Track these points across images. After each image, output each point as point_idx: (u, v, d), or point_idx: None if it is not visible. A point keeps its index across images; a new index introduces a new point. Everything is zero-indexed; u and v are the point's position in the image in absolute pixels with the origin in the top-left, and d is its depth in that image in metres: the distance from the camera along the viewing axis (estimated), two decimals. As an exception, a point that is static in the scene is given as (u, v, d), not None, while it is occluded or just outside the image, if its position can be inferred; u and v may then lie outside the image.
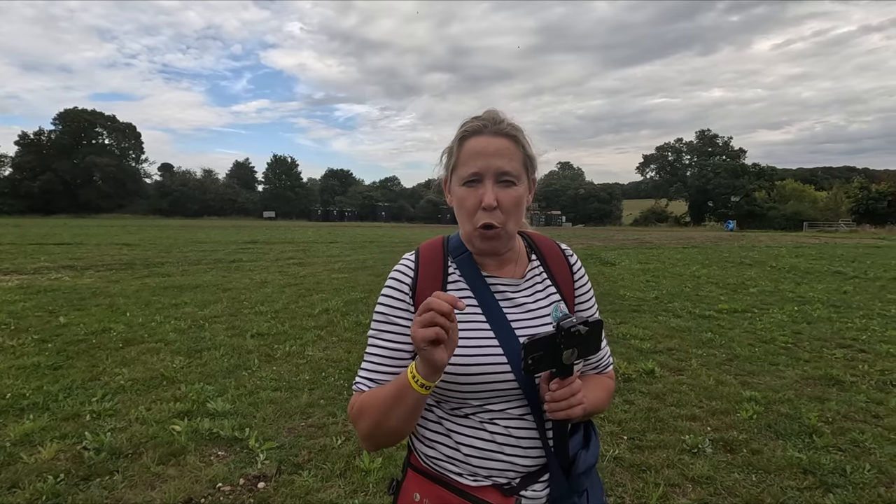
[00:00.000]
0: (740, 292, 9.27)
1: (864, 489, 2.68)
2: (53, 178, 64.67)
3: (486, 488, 0.95)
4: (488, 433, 0.97)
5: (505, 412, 0.97)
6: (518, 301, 1.02)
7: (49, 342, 5.27)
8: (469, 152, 0.96)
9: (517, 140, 0.98)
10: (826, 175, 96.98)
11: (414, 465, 1.04)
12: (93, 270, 11.01)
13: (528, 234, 1.14)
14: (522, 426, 0.97)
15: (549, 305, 1.03)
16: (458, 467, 0.97)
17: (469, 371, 0.94)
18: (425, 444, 1.02)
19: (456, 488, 0.96)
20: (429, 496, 0.98)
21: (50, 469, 2.76)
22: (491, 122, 0.98)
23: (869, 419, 3.59)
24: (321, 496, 2.60)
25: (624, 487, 2.71)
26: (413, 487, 1.01)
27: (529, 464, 0.97)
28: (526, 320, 1.00)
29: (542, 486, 0.97)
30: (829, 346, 5.53)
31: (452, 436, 0.98)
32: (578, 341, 0.87)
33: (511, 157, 0.96)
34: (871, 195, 51.33)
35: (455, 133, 1.02)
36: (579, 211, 73.52)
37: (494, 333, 0.96)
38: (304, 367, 4.60)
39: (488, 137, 0.96)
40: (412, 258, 1.04)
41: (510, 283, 1.03)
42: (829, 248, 22.46)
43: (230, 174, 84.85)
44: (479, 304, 0.99)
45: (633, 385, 4.22)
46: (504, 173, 0.95)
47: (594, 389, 1.06)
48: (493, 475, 0.96)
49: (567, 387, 0.90)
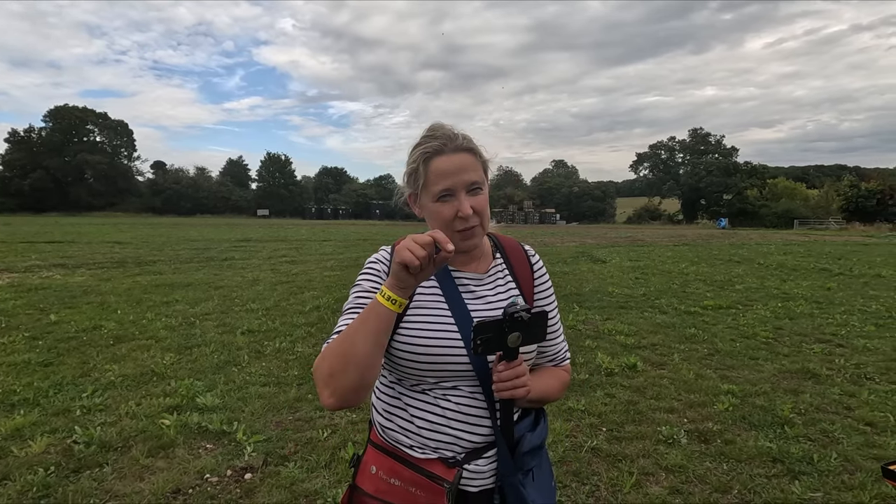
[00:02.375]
0: (727, 289, 9.42)
1: (828, 476, 2.79)
2: (44, 176, 64.06)
3: (432, 461, 1.04)
4: (440, 408, 1.06)
5: (458, 388, 1.07)
6: (479, 294, 1.12)
7: (40, 339, 5.30)
8: (437, 172, 1.05)
9: (474, 151, 1.09)
10: (817, 173, 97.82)
11: (373, 440, 1.14)
12: (84, 268, 11.00)
13: (495, 234, 1.23)
14: (473, 404, 1.06)
15: (507, 299, 1.13)
16: (411, 439, 1.07)
17: (428, 352, 1.04)
18: (384, 416, 1.12)
19: (406, 460, 1.06)
20: (383, 468, 1.08)
21: (40, 462, 2.82)
22: (448, 140, 1.07)
23: (840, 410, 3.71)
24: (306, 486, 2.68)
25: (599, 476, 2.81)
26: (371, 461, 1.11)
27: (476, 440, 1.06)
28: (485, 311, 1.10)
29: (486, 462, 1.06)
30: (809, 341, 5.66)
31: (409, 409, 1.09)
32: (522, 327, 0.96)
33: (475, 168, 1.07)
34: (860, 193, 51.94)
35: (410, 152, 1.11)
36: (573, 209, 73.79)
37: (454, 319, 1.06)
38: (293, 363, 4.67)
39: (450, 155, 1.06)
40: (388, 250, 1.16)
41: (474, 278, 1.13)
42: (817, 245, 22.73)
43: (223, 172, 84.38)
44: (442, 294, 1.09)
45: (616, 379, 4.32)
46: (472, 183, 1.06)
47: (545, 378, 1.16)
48: (441, 448, 1.05)
49: (512, 369, 0.99)
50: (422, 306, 1.09)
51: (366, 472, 1.10)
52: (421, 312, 1.08)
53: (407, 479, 1.04)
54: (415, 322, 1.07)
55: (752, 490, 2.67)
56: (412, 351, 1.05)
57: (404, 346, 1.07)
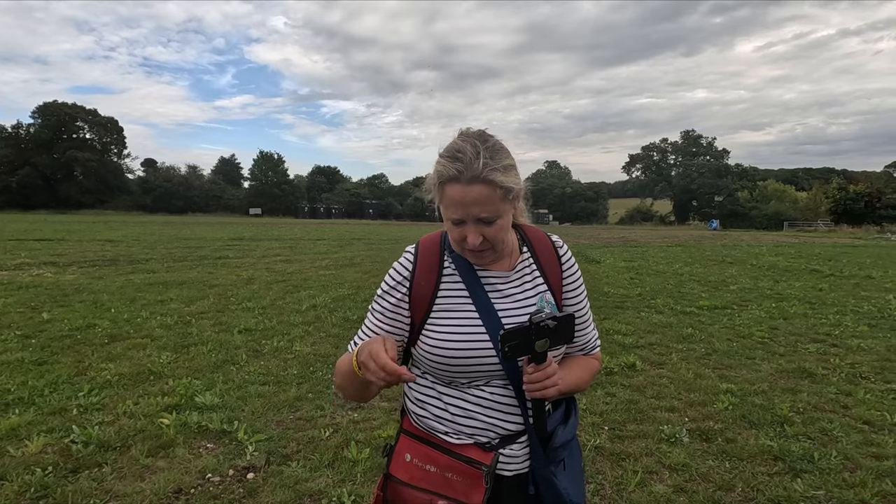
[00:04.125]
0: (721, 289, 9.49)
1: (829, 474, 2.81)
2: (32, 173, 63.18)
3: (468, 446, 1.06)
4: (475, 397, 1.08)
5: (490, 384, 1.08)
6: (507, 292, 1.11)
7: (33, 338, 5.22)
8: (449, 199, 1.01)
9: (493, 183, 0.98)
10: (806, 176, 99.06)
11: (406, 429, 1.14)
12: (75, 266, 10.86)
13: (523, 227, 1.20)
14: (505, 394, 1.08)
15: (535, 296, 1.12)
16: (445, 426, 1.08)
17: (458, 355, 1.05)
18: (417, 405, 1.13)
19: (441, 447, 1.07)
20: (418, 456, 1.08)
21: (37, 462, 2.77)
22: (467, 167, 0.97)
23: (838, 409, 3.75)
24: (310, 486, 2.65)
25: (604, 475, 2.81)
26: (405, 449, 1.11)
27: (510, 427, 1.08)
28: (513, 309, 1.09)
29: (520, 447, 1.08)
30: (804, 341, 5.72)
31: (442, 398, 1.10)
32: (548, 333, 0.97)
33: (489, 202, 0.99)
34: (848, 196, 52.62)
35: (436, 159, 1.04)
36: (566, 209, 74.09)
37: (482, 321, 1.06)
38: (291, 362, 4.63)
39: (464, 186, 0.98)
40: (413, 251, 1.14)
41: (500, 276, 1.12)
42: (807, 247, 23.00)
43: (215, 170, 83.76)
44: (469, 296, 1.08)
45: (615, 378, 4.34)
46: (483, 218, 1.00)
47: (575, 370, 1.16)
48: (476, 434, 1.07)
49: (542, 371, 0.99)
50: (448, 309, 1.08)
51: (400, 461, 1.10)
52: (448, 315, 1.08)
53: (443, 464, 1.05)
54: (442, 326, 1.08)
55: (756, 488, 2.68)
56: (441, 355, 1.06)
57: (433, 350, 1.07)
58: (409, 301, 1.10)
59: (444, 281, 1.10)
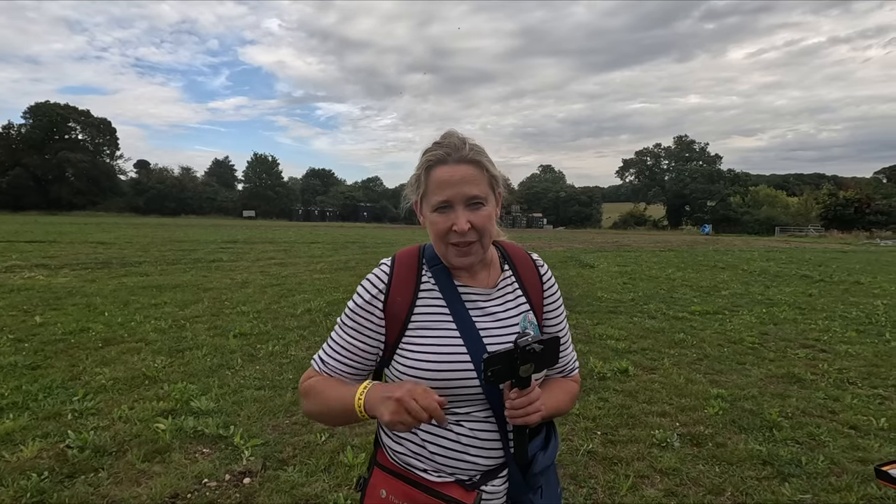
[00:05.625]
0: (713, 295, 9.59)
1: (817, 478, 2.87)
2: (23, 174, 62.50)
3: (449, 484, 1.01)
4: (454, 433, 1.02)
5: (470, 415, 1.03)
6: (489, 310, 1.07)
7: (25, 342, 5.20)
8: (436, 181, 1.00)
9: (480, 164, 1.01)
10: (797, 181, 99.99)
11: (381, 462, 1.09)
12: (68, 269, 10.79)
13: (502, 243, 1.17)
14: (486, 428, 1.03)
15: (518, 315, 1.09)
16: (424, 463, 1.03)
17: (437, 377, 1.00)
18: (393, 439, 1.07)
19: (421, 485, 1.02)
20: (395, 493, 1.03)
21: (33, 467, 2.77)
22: (454, 150, 1.00)
23: (825, 414, 3.82)
24: (306, 490, 2.67)
25: (596, 479, 2.85)
26: (380, 484, 1.06)
27: (490, 463, 1.04)
28: (495, 328, 1.05)
29: (501, 482, 1.04)
30: (793, 347, 5.80)
31: (419, 433, 1.03)
32: (534, 358, 0.93)
33: (477, 182, 1.00)
34: (838, 202, 53.30)
35: (419, 158, 1.05)
36: (560, 214, 74.36)
37: (463, 341, 1.01)
38: (287, 367, 4.65)
39: (453, 166, 0.99)
40: (388, 264, 1.08)
41: (482, 293, 1.07)
42: (798, 252, 23.25)
43: (209, 172, 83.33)
44: (450, 313, 1.04)
45: (608, 383, 4.39)
46: (472, 197, 0.99)
47: (556, 393, 1.12)
48: (457, 472, 1.02)
49: (525, 396, 0.95)
50: (426, 326, 1.03)
51: (375, 496, 1.05)
52: (427, 334, 1.03)
53: (423, 503, 1.01)
54: (421, 344, 1.02)
55: (745, 492, 2.74)
56: (419, 376, 1.00)
57: (409, 371, 1.01)
58: (385, 317, 1.04)
59: (421, 297, 1.04)
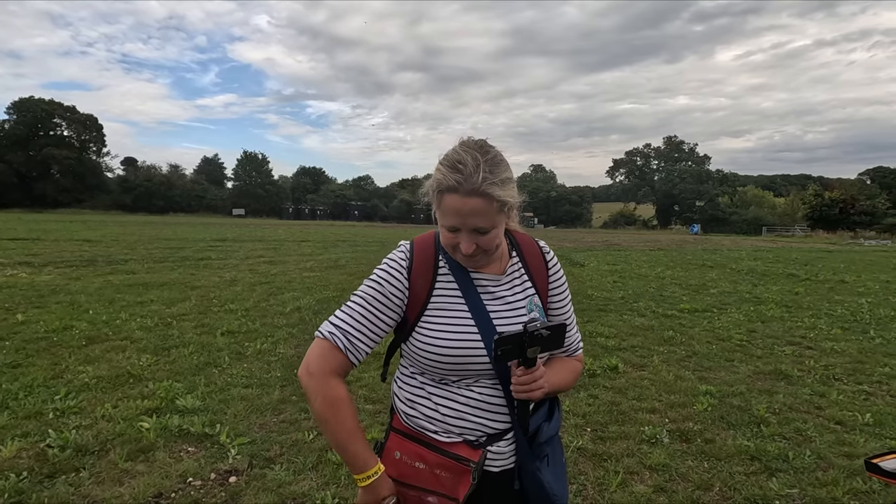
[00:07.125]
0: (701, 293, 9.67)
1: (803, 473, 2.89)
2: (6, 170, 61.38)
3: (457, 444, 1.10)
4: (464, 398, 1.12)
5: (479, 382, 1.13)
6: (498, 295, 1.15)
7: (6, 340, 5.08)
8: (446, 208, 1.04)
9: (489, 196, 1.01)
10: (784, 182, 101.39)
11: (396, 427, 1.18)
12: (51, 267, 10.59)
13: (512, 232, 1.24)
14: (493, 394, 1.12)
15: (525, 299, 1.17)
16: (435, 425, 1.12)
17: (451, 353, 1.09)
18: (407, 404, 1.17)
19: (431, 445, 1.11)
20: (407, 453, 1.12)
21: (12, 467, 2.70)
22: (466, 179, 1.00)
23: (812, 410, 3.86)
24: (293, 489, 2.64)
25: (586, 475, 2.85)
26: (395, 447, 1.15)
27: (497, 426, 1.13)
28: (504, 311, 1.14)
29: (506, 444, 1.13)
30: (780, 344, 5.86)
31: (432, 398, 1.13)
32: (541, 342, 1.02)
33: (485, 214, 1.02)
34: (824, 202, 54.13)
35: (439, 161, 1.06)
36: (551, 213, 74.72)
37: (475, 322, 1.11)
38: (275, 365, 4.59)
39: (462, 198, 1.00)
40: (408, 246, 1.17)
41: (492, 279, 1.16)
42: (785, 251, 23.56)
43: (198, 170, 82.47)
44: (463, 297, 1.13)
45: (598, 380, 4.39)
46: (478, 228, 1.04)
47: (560, 371, 1.21)
48: (465, 433, 1.11)
49: (530, 374, 1.05)
50: (443, 307, 1.12)
51: (389, 458, 1.14)
52: (442, 314, 1.12)
53: (433, 462, 1.09)
54: (436, 323, 1.11)
55: (733, 487, 2.75)
56: (433, 352, 1.10)
57: (426, 347, 1.11)
58: (408, 294, 1.12)
59: (439, 280, 1.13)
